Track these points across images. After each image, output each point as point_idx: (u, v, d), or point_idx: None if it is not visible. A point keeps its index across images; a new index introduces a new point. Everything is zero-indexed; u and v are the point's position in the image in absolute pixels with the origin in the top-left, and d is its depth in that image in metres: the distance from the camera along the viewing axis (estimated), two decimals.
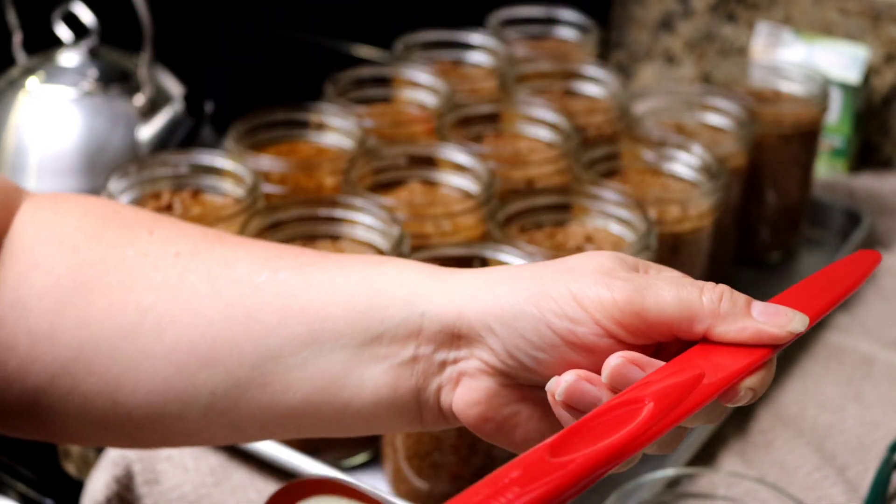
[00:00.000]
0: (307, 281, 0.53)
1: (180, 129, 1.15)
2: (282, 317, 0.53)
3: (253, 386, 0.54)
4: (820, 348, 1.07)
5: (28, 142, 1.14)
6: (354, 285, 0.53)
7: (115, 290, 0.55)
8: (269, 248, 0.56)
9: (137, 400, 0.55)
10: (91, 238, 0.57)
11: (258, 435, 0.57)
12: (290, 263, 0.54)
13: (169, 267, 0.55)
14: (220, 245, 0.56)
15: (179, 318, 0.54)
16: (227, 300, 0.54)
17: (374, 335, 0.52)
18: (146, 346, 0.54)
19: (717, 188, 0.98)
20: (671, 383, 0.48)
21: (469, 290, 0.52)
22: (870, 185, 1.30)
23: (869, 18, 1.36)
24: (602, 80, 1.16)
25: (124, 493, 0.90)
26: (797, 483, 0.91)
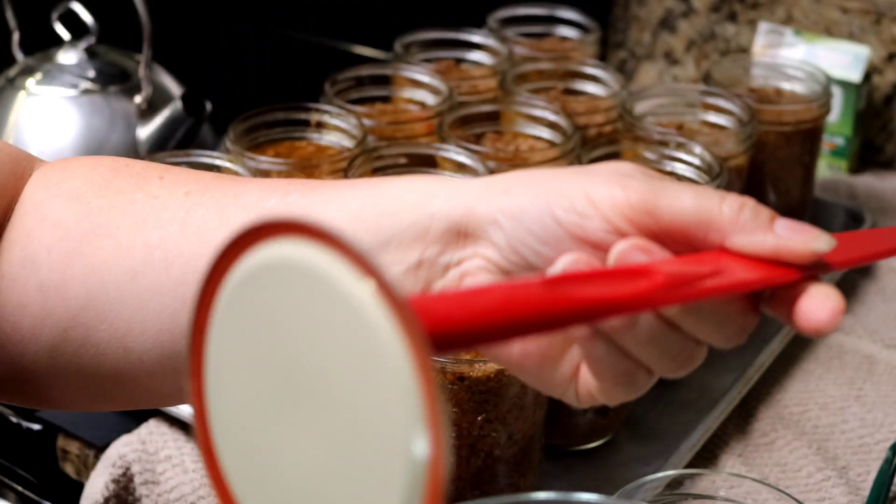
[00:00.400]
0: (317, 199, 0.53)
1: (179, 129, 1.14)
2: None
3: None
4: (822, 349, 1.07)
5: (26, 141, 1.14)
6: (364, 196, 0.52)
7: (122, 232, 0.55)
8: (280, 180, 0.56)
9: (147, 343, 0.55)
10: (100, 188, 0.57)
11: None
12: (300, 188, 0.54)
13: (178, 205, 0.55)
14: (231, 182, 0.56)
15: (187, 250, 0.54)
16: (235, 227, 0.54)
17: (382, 241, 0.51)
18: (154, 282, 0.54)
19: (717, 188, 0.98)
20: (684, 269, 0.45)
21: (479, 189, 0.51)
22: (871, 185, 1.30)
23: (870, 18, 1.36)
24: (603, 79, 1.16)
25: (123, 494, 0.89)
26: (798, 484, 0.91)
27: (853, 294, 1.16)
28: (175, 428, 0.92)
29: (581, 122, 1.09)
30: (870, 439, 0.96)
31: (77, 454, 0.95)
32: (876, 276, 1.18)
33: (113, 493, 0.89)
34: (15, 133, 1.14)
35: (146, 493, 0.89)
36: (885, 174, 1.36)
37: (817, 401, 1.00)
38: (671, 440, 0.93)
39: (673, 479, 0.83)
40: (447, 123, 1.04)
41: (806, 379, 1.03)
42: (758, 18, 1.42)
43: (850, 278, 1.17)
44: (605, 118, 1.11)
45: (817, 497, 0.90)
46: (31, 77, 1.17)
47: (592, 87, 1.16)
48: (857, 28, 1.37)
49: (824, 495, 0.90)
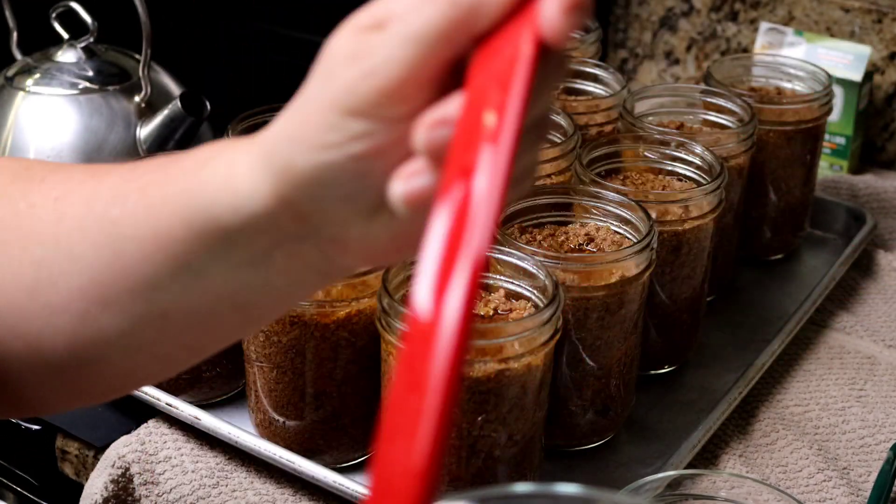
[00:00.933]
0: (149, 205, 0.52)
1: (179, 129, 1.14)
2: (143, 249, 0.53)
3: (154, 317, 0.54)
4: (822, 349, 1.07)
5: (26, 141, 1.13)
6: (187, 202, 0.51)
7: (13, 247, 0.56)
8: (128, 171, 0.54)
9: (60, 353, 0.55)
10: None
11: (187, 357, 0.57)
12: (136, 187, 0.53)
13: (50, 215, 0.55)
14: (91, 182, 0.55)
15: (65, 268, 0.54)
16: (94, 242, 0.53)
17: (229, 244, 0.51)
18: (48, 301, 0.55)
19: (718, 187, 0.97)
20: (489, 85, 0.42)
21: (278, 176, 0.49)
22: (872, 185, 1.29)
23: (872, 17, 1.36)
24: (604, 78, 1.15)
25: (122, 494, 0.89)
26: (799, 485, 0.91)
27: (854, 294, 1.15)
28: (175, 429, 0.92)
29: (581, 121, 1.09)
30: (871, 440, 0.96)
31: (76, 455, 0.95)
32: (876, 276, 1.18)
33: (112, 494, 0.89)
34: (14, 133, 1.14)
35: (145, 493, 0.89)
36: (887, 174, 1.36)
37: (818, 401, 1.00)
38: (671, 440, 0.93)
39: (673, 479, 0.83)
40: None
41: (807, 379, 1.03)
42: (759, 18, 1.42)
43: (850, 278, 1.17)
44: (606, 118, 1.11)
45: (818, 498, 0.90)
46: (30, 76, 1.17)
47: (593, 86, 1.16)
48: (859, 27, 1.37)
49: (825, 496, 0.90)
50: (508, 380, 0.79)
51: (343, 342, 0.86)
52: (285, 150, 0.48)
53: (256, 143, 0.50)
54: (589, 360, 0.89)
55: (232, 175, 0.50)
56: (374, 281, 0.85)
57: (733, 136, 1.06)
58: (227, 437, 0.89)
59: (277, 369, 0.87)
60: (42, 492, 1.02)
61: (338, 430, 0.88)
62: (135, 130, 1.15)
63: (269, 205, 0.49)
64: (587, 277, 0.87)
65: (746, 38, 1.43)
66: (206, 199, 0.50)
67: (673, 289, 0.99)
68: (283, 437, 0.89)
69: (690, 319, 1.01)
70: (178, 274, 0.52)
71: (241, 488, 0.88)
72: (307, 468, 0.86)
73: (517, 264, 0.86)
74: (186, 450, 0.91)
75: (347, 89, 0.46)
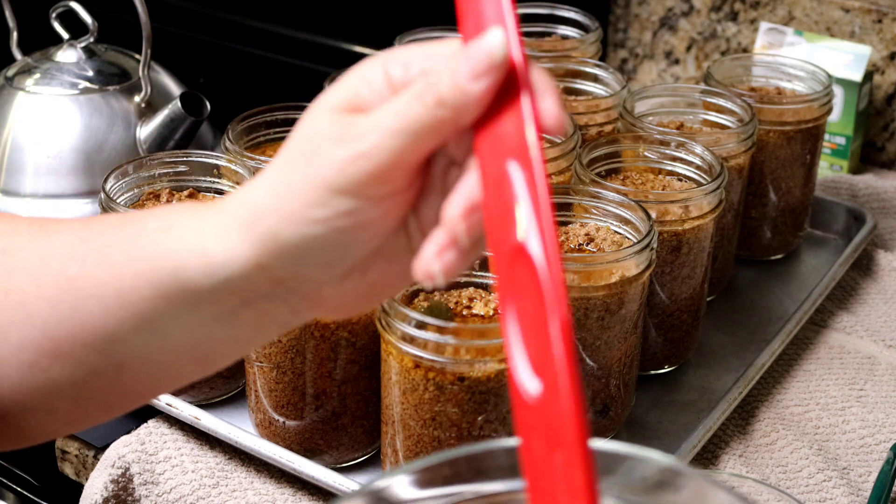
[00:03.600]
0: (111, 265, 0.53)
1: (179, 129, 1.14)
2: (105, 306, 0.53)
3: (109, 369, 0.54)
4: (822, 349, 1.07)
5: (25, 141, 1.13)
6: (154, 264, 0.52)
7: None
8: (82, 230, 0.55)
9: (3, 401, 0.55)
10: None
11: (135, 403, 0.58)
12: (94, 248, 0.54)
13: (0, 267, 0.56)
14: (42, 237, 0.56)
15: (16, 320, 0.54)
16: (50, 298, 0.54)
17: (197, 302, 0.52)
18: (2, 348, 0.55)
19: (718, 187, 0.97)
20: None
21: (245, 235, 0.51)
22: (872, 185, 1.29)
23: (872, 17, 1.36)
24: (603, 78, 1.15)
25: (122, 494, 0.89)
26: (799, 485, 0.91)
27: (854, 294, 1.15)
28: (175, 429, 0.92)
29: (581, 121, 1.09)
30: (871, 440, 0.96)
31: (76, 455, 0.95)
32: (876, 276, 1.18)
33: (112, 494, 0.89)
34: (14, 133, 1.14)
35: (145, 493, 0.89)
36: (887, 174, 1.36)
37: (818, 401, 1.00)
38: (671, 440, 0.93)
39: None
40: None
41: (807, 379, 1.03)
42: (759, 18, 1.42)
43: (850, 278, 1.17)
44: (606, 118, 1.11)
45: (818, 498, 0.90)
46: (30, 76, 1.17)
47: (593, 86, 1.16)
48: (859, 27, 1.37)
49: (825, 496, 0.90)
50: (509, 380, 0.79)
51: (343, 342, 0.86)
52: (271, 222, 0.50)
53: (227, 212, 0.51)
54: (589, 360, 0.89)
55: (202, 242, 0.52)
56: None
57: (733, 136, 1.06)
58: (227, 437, 0.89)
59: (277, 369, 0.87)
60: (42, 492, 1.02)
61: (338, 430, 0.88)
62: (135, 130, 1.15)
63: (247, 269, 0.51)
64: (587, 277, 0.87)
65: (746, 38, 1.43)
66: (175, 263, 0.52)
67: (673, 289, 0.99)
68: (283, 437, 0.89)
69: (690, 319, 1.01)
70: (141, 329, 0.53)
71: (241, 488, 0.88)
72: (307, 468, 0.86)
73: None
74: (186, 450, 0.91)
75: (337, 170, 0.49)
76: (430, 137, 0.48)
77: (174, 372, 0.56)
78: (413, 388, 0.79)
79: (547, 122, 0.47)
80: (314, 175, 0.49)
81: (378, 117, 0.49)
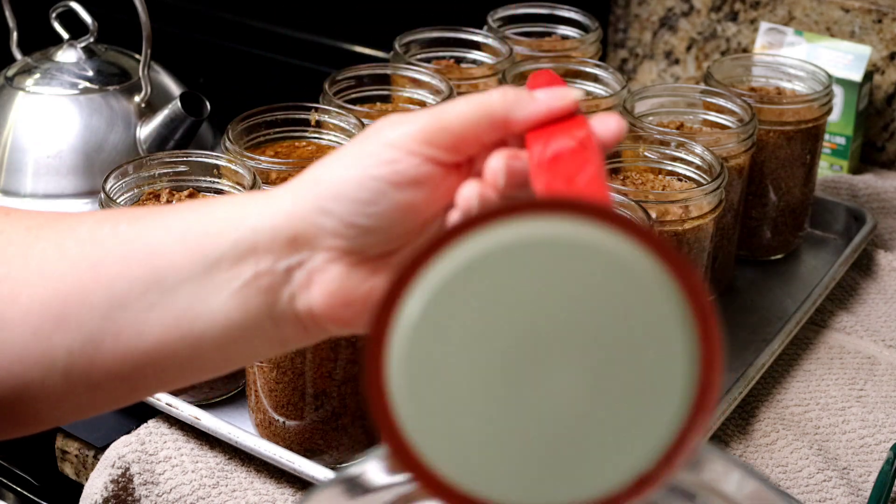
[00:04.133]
0: (145, 226, 0.56)
1: (179, 129, 1.14)
2: (124, 264, 0.55)
3: (107, 337, 0.55)
4: (822, 349, 1.07)
5: (25, 141, 1.13)
6: (187, 220, 0.55)
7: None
8: (116, 210, 0.59)
9: (1, 373, 0.56)
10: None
11: (122, 392, 0.58)
12: (131, 216, 0.57)
13: (21, 240, 0.58)
14: (69, 217, 0.59)
15: (31, 281, 0.56)
16: (72, 258, 0.56)
17: (211, 262, 0.54)
18: (2, 314, 0.56)
19: (718, 187, 0.97)
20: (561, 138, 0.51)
21: (292, 193, 0.54)
22: (872, 185, 1.29)
23: (872, 17, 1.36)
24: (603, 78, 1.15)
25: (122, 494, 0.89)
26: (799, 485, 0.91)
27: (854, 294, 1.15)
28: (175, 428, 0.92)
29: None
30: (871, 440, 0.96)
31: (76, 455, 0.95)
32: (876, 276, 1.18)
33: (112, 494, 0.89)
34: (14, 133, 1.14)
35: (145, 493, 0.89)
36: (887, 174, 1.36)
37: (818, 401, 1.00)
38: None
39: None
40: None
41: (807, 379, 1.03)
42: (759, 18, 1.42)
43: (850, 278, 1.17)
44: None
45: (818, 498, 0.90)
46: (30, 76, 1.17)
47: (593, 86, 1.16)
48: (859, 27, 1.37)
49: (825, 496, 0.90)
50: None
51: (343, 342, 0.86)
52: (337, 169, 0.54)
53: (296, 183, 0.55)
54: None
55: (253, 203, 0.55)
56: None
57: (733, 136, 1.06)
58: (227, 437, 0.89)
59: (277, 369, 0.87)
60: (42, 492, 1.02)
61: (338, 430, 0.88)
62: (135, 130, 1.15)
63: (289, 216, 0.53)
64: None
65: (746, 38, 1.43)
66: (217, 226, 0.54)
67: None
68: (283, 437, 0.89)
69: None
70: (150, 290, 0.54)
71: (241, 488, 0.88)
72: (307, 468, 0.86)
73: None
74: (186, 450, 0.91)
75: (416, 122, 0.53)
76: (497, 123, 0.53)
77: (165, 355, 0.56)
78: None
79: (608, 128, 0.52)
80: (391, 131, 0.53)
81: (462, 100, 0.54)
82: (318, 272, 0.54)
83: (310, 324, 0.55)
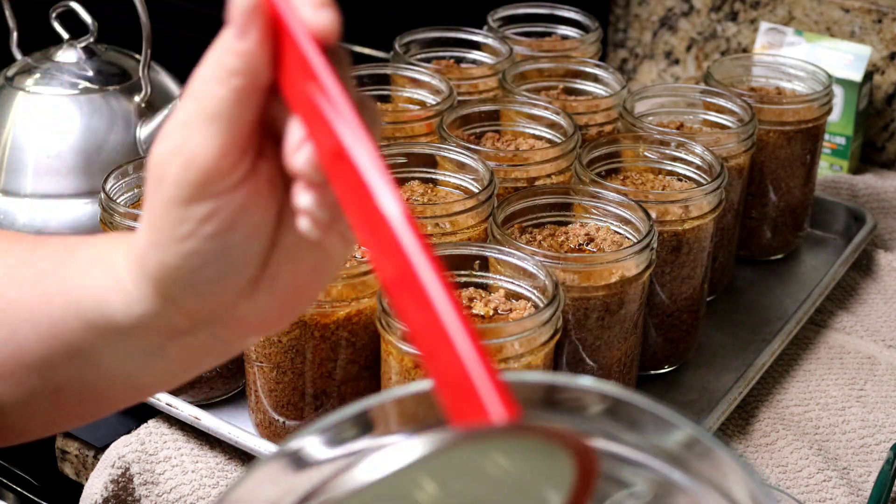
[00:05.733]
0: (44, 294, 0.54)
1: None
2: (38, 332, 0.54)
3: (47, 390, 0.55)
4: (822, 349, 1.07)
5: (25, 141, 1.13)
6: (80, 298, 0.53)
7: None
8: (26, 253, 0.56)
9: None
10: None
11: (79, 423, 0.58)
12: (31, 274, 0.55)
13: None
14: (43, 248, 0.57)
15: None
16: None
17: (123, 337, 0.53)
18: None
19: (718, 187, 0.97)
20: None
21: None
22: (872, 185, 1.29)
23: (872, 17, 1.36)
24: (603, 78, 1.15)
25: (122, 494, 0.89)
26: (799, 485, 0.91)
27: (854, 294, 1.15)
28: (175, 429, 0.92)
29: (581, 121, 1.09)
30: (871, 440, 0.95)
31: (76, 455, 0.95)
32: (876, 276, 1.18)
33: (112, 494, 0.89)
34: (14, 133, 1.14)
35: (145, 493, 0.89)
36: (887, 174, 1.36)
37: (818, 401, 1.00)
38: None
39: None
40: (447, 123, 1.03)
41: (807, 379, 1.03)
42: (759, 18, 1.42)
43: (850, 278, 1.17)
44: (606, 118, 1.11)
45: (818, 498, 0.90)
46: (30, 76, 1.17)
47: (593, 86, 1.16)
48: (859, 27, 1.37)
49: (825, 496, 0.90)
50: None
51: (343, 342, 0.86)
52: (152, 254, 0.50)
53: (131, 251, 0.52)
54: (589, 360, 0.89)
55: (118, 279, 0.52)
56: (375, 281, 0.85)
57: (733, 136, 1.06)
58: (227, 437, 0.89)
59: (277, 369, 0.87)
60: (42, 492, 1.02)
61: None
62: (135, 130, 1.15)
63: (156, 305, 0.51)
64: (587, 277, 0.87)
65: (746, 38, 1.43)
66: (98, 299, 0.52)
67: (673, 289, 0.99)
68: (283, 437, 0.89)
69: (690, 319, 1.01)
70: (73, 358, 0.54)
71: None
72: None
73: (517, 264, 0.86)
74: (186, 450, 0.91)
75: (176, 183, 0.48)
76: (242, 112, 0.48)
77: (111, 398, 0.56)
78: None
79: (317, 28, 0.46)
80: (163, 198, 0.49)
81: (183, 112, 0.48)
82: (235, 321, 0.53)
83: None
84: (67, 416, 0.58)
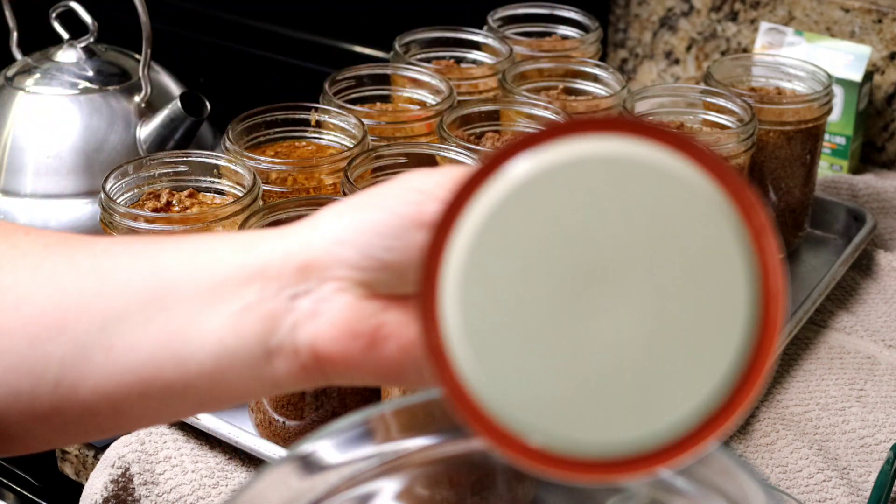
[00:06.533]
0: (159, 246, 0.55)
1: (179, 129, 1.14)
2: (129, 276, 0.54)
3: (98, 350, 0.54)
4: (823, 349, 1.07)
5: (25, 141, 1.13)
6: (200, 242, 0.55)
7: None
8: (139, 235, 0.58)
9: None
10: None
11: (105, 415, 0.57)
12: (150, 238, 0.57)
13: (36, 253, 0.57)
14: (89, 237, 0.58)
15: (36, 290, 0.56)
16: (81, 270, 0.56)
17: (216, 282, 0.53)
18: (4, 322, 0.56)
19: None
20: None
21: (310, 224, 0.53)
22: (872, 185, 1.29)
23: (872, 17, 1.36)
24: (603, 78, 1.15)
25: (122, 494, 0.89)
26: (799, 485, 0.91)
27: (854, 294, 1.15)
28: (174, 429, 0.92)
29: None
30: (871, 440, 0.96)
31: (76, 455, 0.95)
32: (876, 276, 1.18)
33: (112, 494, 0.89)
34: (14, 133, 1.14)
35: (145, 493, 0.89)
36: (887, 174, 1.36)
37: (818, 401, 1.00)
38: None
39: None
40: (447, 123, 1.03)
41: (807, 379, 1.03)
42: (759, 18, 1.42)
43: (850, 278, 1.17)
44: None
45: (818, 498, 0.90)
46: (30, 76, 1.17)
47: (593, 86, 1.16)
48: (859, 27, 1.37)
49: (825, 496, 0.90)
50: None
51: None
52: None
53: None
54: None
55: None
56: None
57: (733, 136, 1.06)
58: (227, 437, 0.89)
59: None
60: (42, 492, 1.02)
61: None
62: (135, 130, 1.15)
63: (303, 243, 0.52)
64: None
65: (746, 38, 1.43)
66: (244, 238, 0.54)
67: None
68: (283, 437, 0.89)
69: None
70: (149, 304, 0.54)
71: None
72: None
73: None
74: (186, 450, 0.91)
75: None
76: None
77: (152, 375, 0.55)
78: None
79: None
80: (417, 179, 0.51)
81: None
82: (325, 302, 0.52)
83: (308, 361, 0.52)
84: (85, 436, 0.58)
